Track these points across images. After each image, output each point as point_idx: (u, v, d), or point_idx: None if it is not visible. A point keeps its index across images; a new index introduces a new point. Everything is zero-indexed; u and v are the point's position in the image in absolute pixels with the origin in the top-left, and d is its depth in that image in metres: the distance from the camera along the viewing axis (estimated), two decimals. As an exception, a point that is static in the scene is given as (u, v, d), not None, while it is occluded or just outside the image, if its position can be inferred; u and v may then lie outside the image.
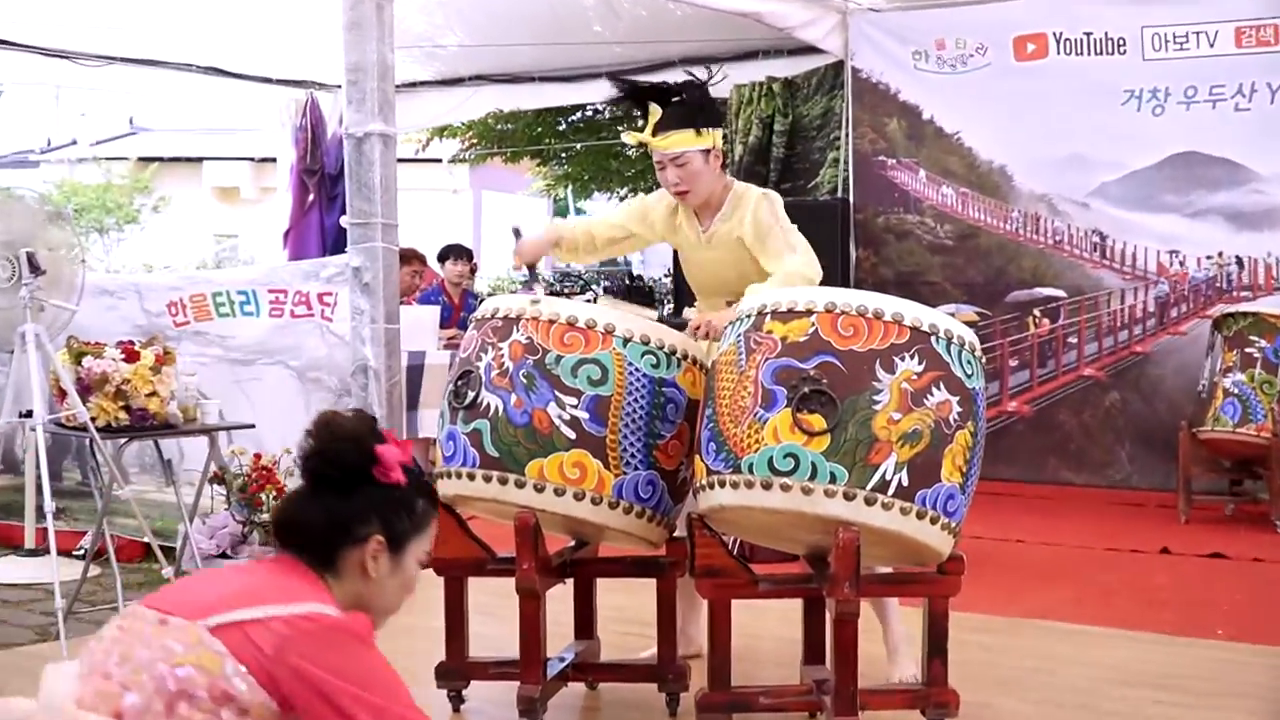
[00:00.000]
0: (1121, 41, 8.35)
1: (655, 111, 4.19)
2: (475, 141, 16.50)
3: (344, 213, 6.30)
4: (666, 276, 18.26)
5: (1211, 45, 8.10)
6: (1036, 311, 8.76)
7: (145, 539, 5.14)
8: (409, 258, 9.35)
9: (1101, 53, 8.41)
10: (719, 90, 10.42)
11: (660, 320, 4.13)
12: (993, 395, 8.63)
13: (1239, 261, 8.15)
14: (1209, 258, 8.24)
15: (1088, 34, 8.45)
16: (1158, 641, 4.85)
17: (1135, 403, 8.51)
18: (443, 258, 9.71)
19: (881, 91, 9.12)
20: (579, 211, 31.94)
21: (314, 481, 2.47)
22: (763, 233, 4.19)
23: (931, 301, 7.83)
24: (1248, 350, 7.30)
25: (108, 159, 25.09)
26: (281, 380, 6.53)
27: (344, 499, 2.46)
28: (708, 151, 4.22)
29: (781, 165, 9.76)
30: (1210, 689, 4.24)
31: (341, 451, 2.46)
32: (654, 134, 4.19)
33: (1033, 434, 8.71)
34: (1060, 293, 8.70)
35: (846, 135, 9.25)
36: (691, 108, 4.20)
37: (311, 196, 10.91)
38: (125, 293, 6.90)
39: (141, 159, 25.18)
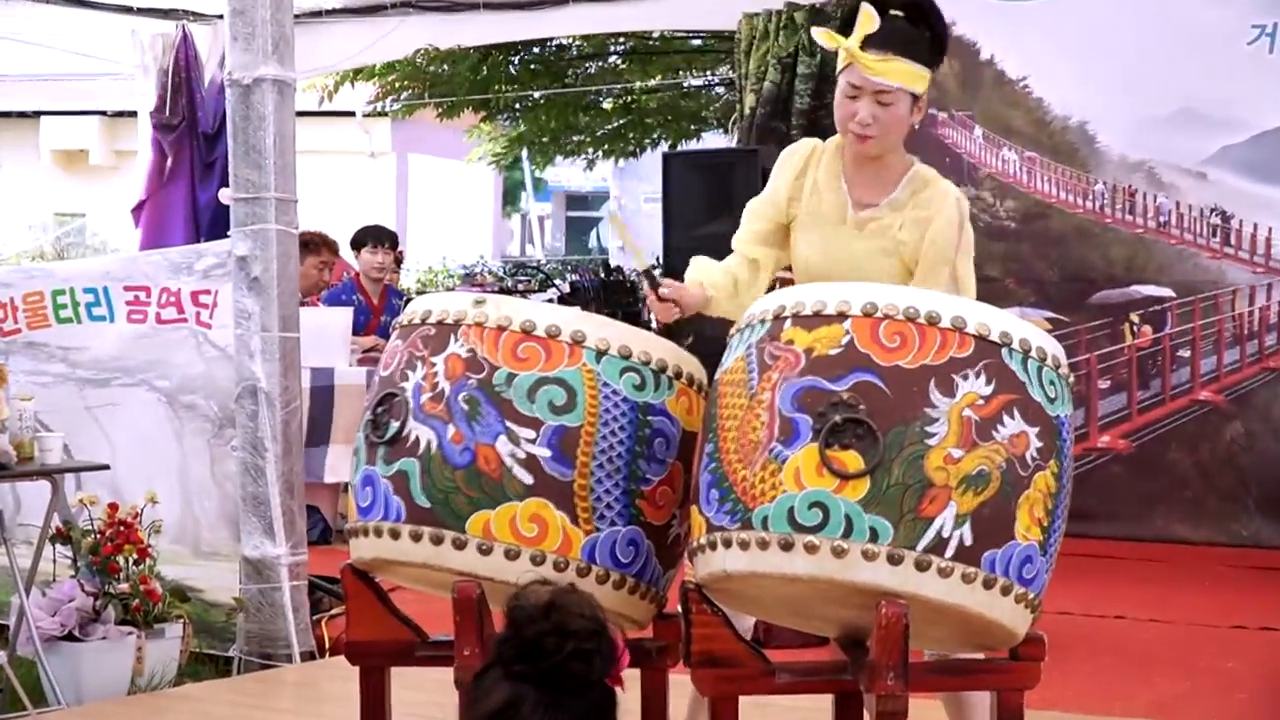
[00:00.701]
0: (1249, -38, 8.41)
1: (869, 15, 3.91)
2: (400, 87, 16.47)
3: (224, 184, 6.30)
4: (656, 269, 18.27)
5: (1367, -34, 8.17)
6: (1134, 317, 8.77)
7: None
8: (316, 245, 9.36)
9: (1223, -25, 8.48)
10: (724, 22, 10.48)
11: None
12: (1078, 427, 8.65)
13: (1406, 248, 8.23)
14: (1368, 243, 8.31)
15: (1205, -50, 8.51)
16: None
17: (1265, 436, 8.53)
18: (358, 244, 9.72)
19: (933, 23, 9.14)
20: (537, 183, 32.03)
21: (556, 682, 2.58)
22: (937, 257, 4.04)
23: (990, 303, 7.81)
24: None
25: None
26: (145, 406, 6.52)
27: (578, 700, 2.59)
28: (917, 99, 4.04)
29: (806, 120, 9.77)
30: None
31: (598, 654, 2.61)
32: (863, 46, 3.95)
33: (1132, 478, 8.71)
34: (1167, 291, 8.71)
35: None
36: (922, 32, 3.99)
37: (170, 160, 10.84)
38: (-65, 293, 6.89)
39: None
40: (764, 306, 3.58)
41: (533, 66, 16.80)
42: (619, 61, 17.10)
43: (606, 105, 17.67)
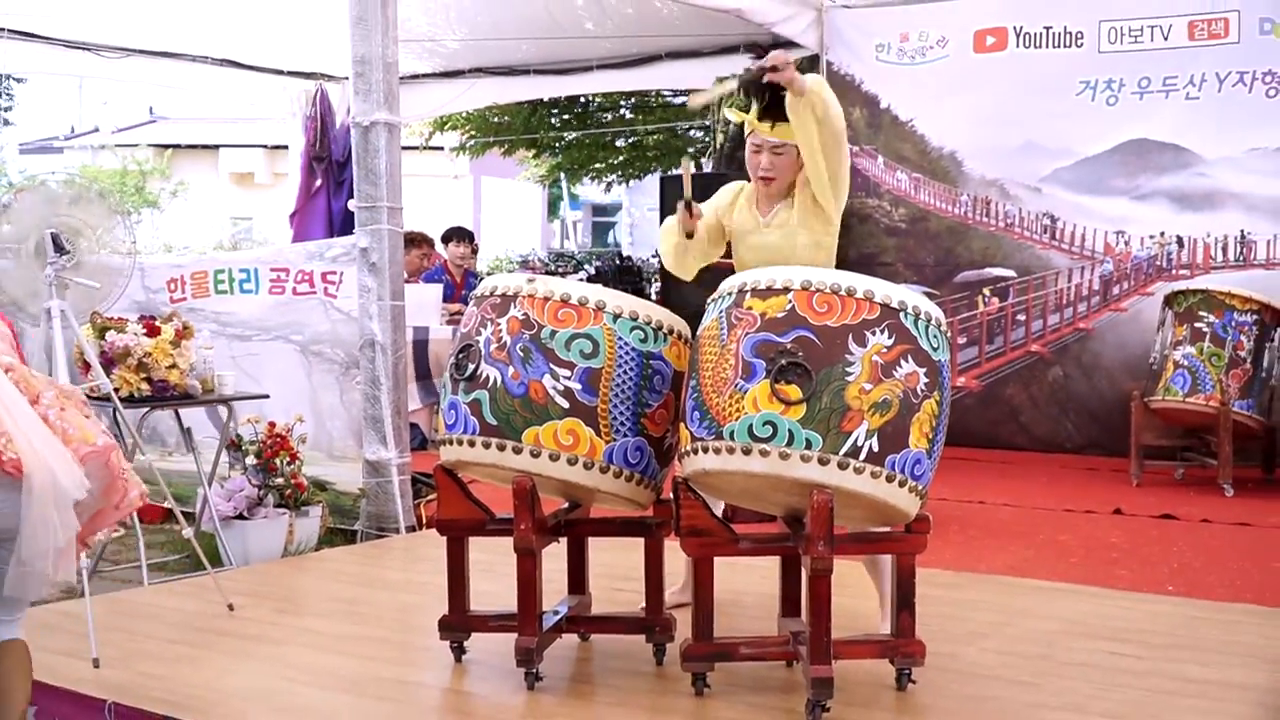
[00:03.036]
0: (1080, 35, 8.34)
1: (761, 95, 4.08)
2: (474, 134, 16.50)
3: (351, 197, 6.30)
4: (654, 257, 18.24)
5: (1166, 38, 8.09)
6: (986, 291, 8.75)
7: (166, 503, 5.14)
8: (419, 241, 9.36)
9: (1060, 45, 8.40)
10: (703, 82, 10.44)
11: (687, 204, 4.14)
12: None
13: (1179, 241, 8.17)
14: (1152, 237, 8.25)
15: (1047, 28, 8.44)
16: (1112, 596, 4.87)
17: (1077, 377, 8.52)
18: (446, 239, 9.72)
19: (848, 82, 9.10)
20: (573, 197, 31.89)
21: None
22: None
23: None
24: (1197, 325, 7.31)
25: (128, 145, 24.97)
26: (282, 354, 6.49)
27: None
28: (799, 151, 4.13)
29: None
30: (1164, 641, 4.26)
31: None
32: (760, 118, 4.12)
33: (982, 408, 8.69)
34: (1010, 273, 8.69)
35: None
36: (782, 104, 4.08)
37: (319, 182, 10.86)
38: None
39: (161, 145, 25.05)
40: (732, 284, 3.58)
41: (566, 116, 16.78)
42: (628, 112, 17.05)
43: (620, 144, 17.65)
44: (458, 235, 9.66)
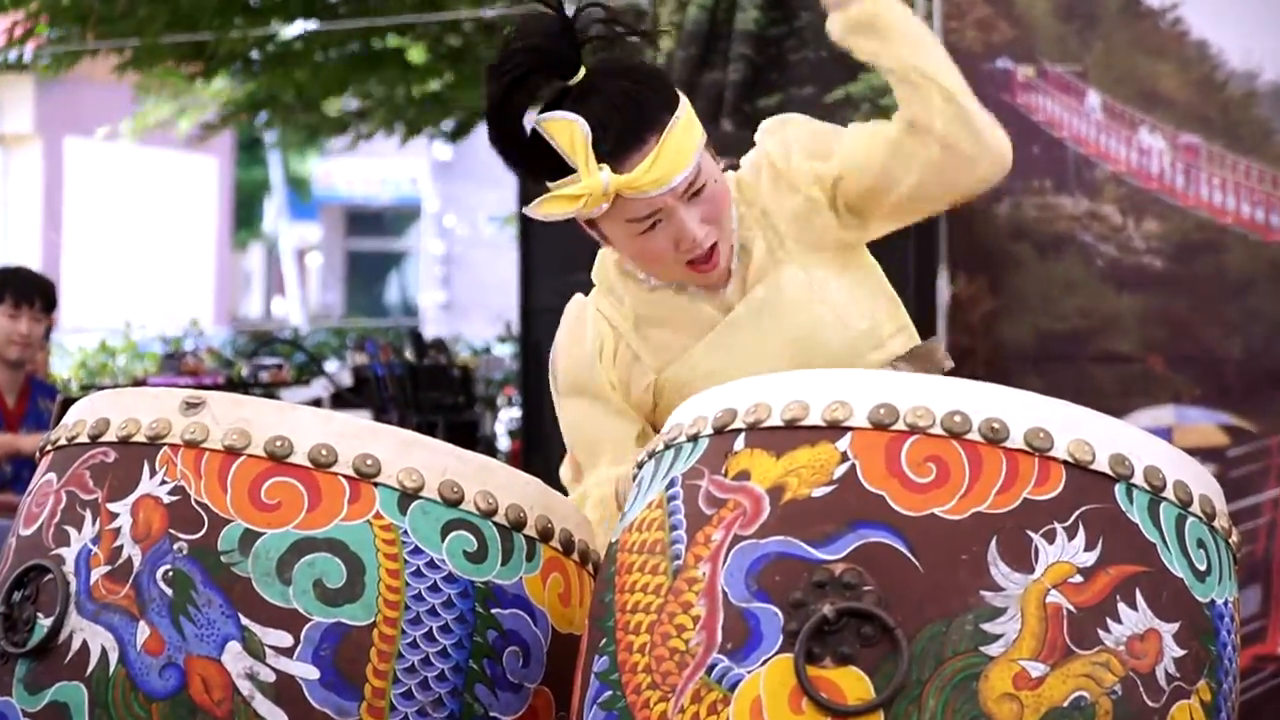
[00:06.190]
0: None
1: (577, 136, 4.23)
2: (48, 28, 16.51)
3: None
4: (503, 342, 18.35)
5: None
6: None
7: None
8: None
9: None
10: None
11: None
12: (1251, 619, 8.60)
13: None
14: None
15: None
16: None
17: None
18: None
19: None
20: (295, 187, 32.07)
21: None
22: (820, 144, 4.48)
23: (1117, 398, 7.85)
24: None
25: None
26: None
27: None
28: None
29: (758, 53, 9.78)
30: None
31: None
32: (619, 167, 4.27)
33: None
34: None
35: (931, 15, 9.28)
36: (653, 82, 4.37)
37: None
38: None
39: None
40: (697, 412, 3.61)
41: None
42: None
43: (414, 55, 17.73)
44: (16, 292, 9.72)
